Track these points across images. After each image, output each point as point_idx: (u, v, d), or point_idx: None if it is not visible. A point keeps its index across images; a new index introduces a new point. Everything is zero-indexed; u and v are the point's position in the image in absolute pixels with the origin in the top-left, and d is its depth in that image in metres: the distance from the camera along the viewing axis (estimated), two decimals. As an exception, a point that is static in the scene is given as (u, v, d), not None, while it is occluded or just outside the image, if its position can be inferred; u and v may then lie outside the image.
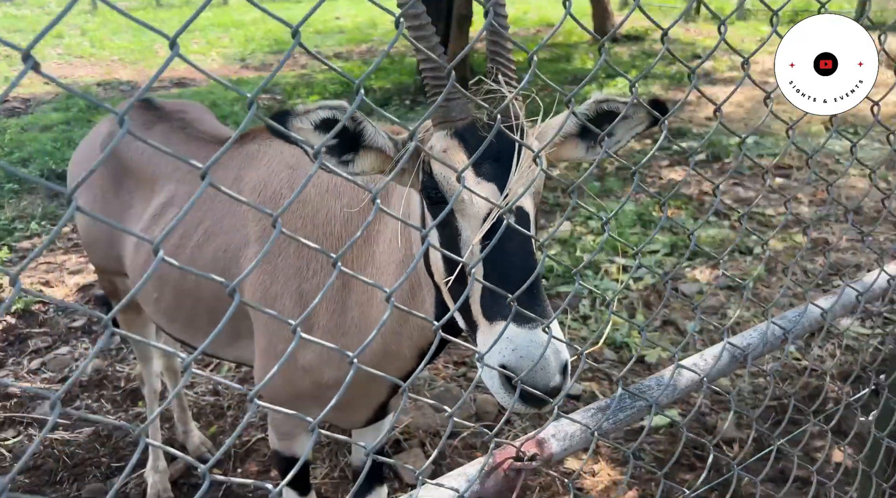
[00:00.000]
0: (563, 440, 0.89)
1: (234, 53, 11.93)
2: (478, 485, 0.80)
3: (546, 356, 1.00)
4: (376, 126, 1.11)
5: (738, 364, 1.09)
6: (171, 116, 2.05)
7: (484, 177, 1.08)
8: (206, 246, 1.68)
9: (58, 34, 13.04)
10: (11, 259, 4.28)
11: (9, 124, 7.16)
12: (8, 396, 3.00)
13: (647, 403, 0.97)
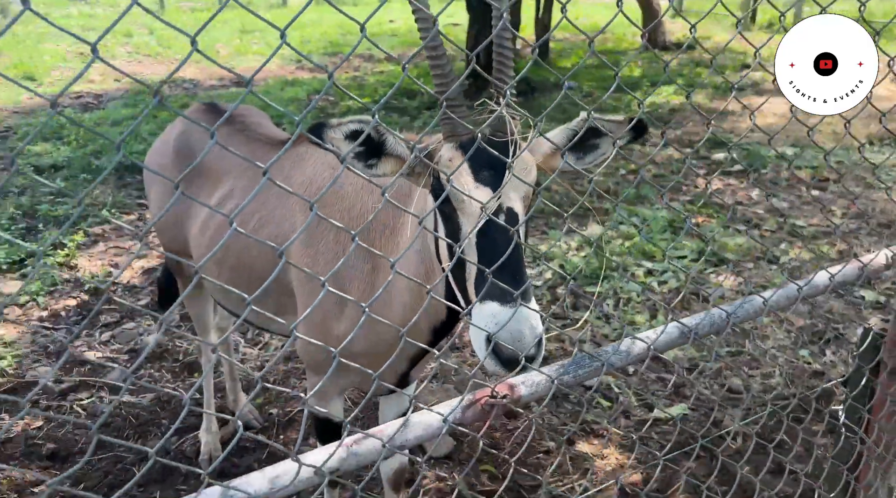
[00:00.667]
0: (530, 386, 1.12)
1: (290, 54, 12.40)
2: (459, 413, 1.04)
3: (522, 330, 1.23)
4: (397, 136, 1.37)
5: (685, 339, 1.30)
6: (233, 120, 2.36)
7: (481, 182, 1.33)
8: (259, 232, 1.98)
9: (127, 33, 13.78)
10: (85, 242, 4.71)
11: (83, 118, 7.72)
12: (83, 362, 3.38)
13: (601, 363, 1.20)
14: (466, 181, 1.33)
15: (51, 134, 7.10)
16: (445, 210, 1.40)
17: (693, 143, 7.30)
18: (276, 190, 2.02)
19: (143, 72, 10.71)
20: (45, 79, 10.00)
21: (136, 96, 9.01)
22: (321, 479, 0.89)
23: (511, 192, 1.33)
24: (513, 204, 1.34)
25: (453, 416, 1.02)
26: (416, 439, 1.01)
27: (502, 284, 1.22)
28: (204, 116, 2.39)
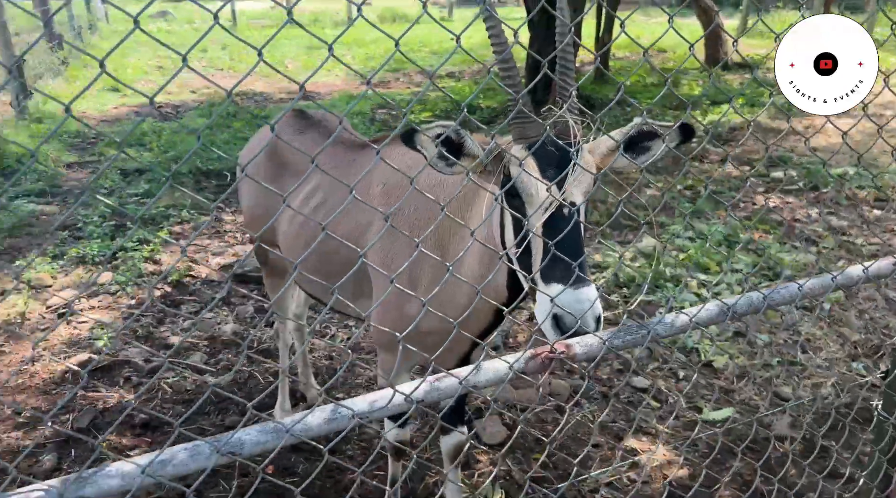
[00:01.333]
0: (584, 346, 1.29)
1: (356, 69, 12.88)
2: (523, 363, 1.22)
3: (584, 308, 1.41)
4: (474, 140, 1.58)
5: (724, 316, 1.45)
6: (318, 124, 2.63)
7: (548, 178, 1.52)
8: (343, 221, 2.21)
9: (202, 48, 14.55)
10: (167, 241, 5.09)
11: (163, 127, 8.24)
12: (168, 346, 3.69)
13: (647, 331, 1.36)
14: (535, 177, 1.52)
15: (135, 141, 7.63)
16: (515, 203, 1.60)
17: (752, 160, 7.30)
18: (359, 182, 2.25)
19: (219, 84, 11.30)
20: (127, 90, 10.67)
21: (210, 107, 9.54)
22: (409, 405, 1.09)
23: (574, 187, 1.52)
24: (575, 198, 1.53)
25: (518, 365, 1.20)
26: (486, 382, 1.20)
27: (565, 265, 1.41)
28: (293, 121, 2.66)
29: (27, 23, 12.12)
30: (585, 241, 1.53)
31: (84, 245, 4.84)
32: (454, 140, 1.56)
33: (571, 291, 1.42)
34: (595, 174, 1.51)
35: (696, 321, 1.39)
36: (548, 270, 1.48)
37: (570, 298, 1.41)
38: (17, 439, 2.98)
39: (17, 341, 3.73)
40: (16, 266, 4.57)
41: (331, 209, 2.26)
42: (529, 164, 1.50)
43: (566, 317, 1.36)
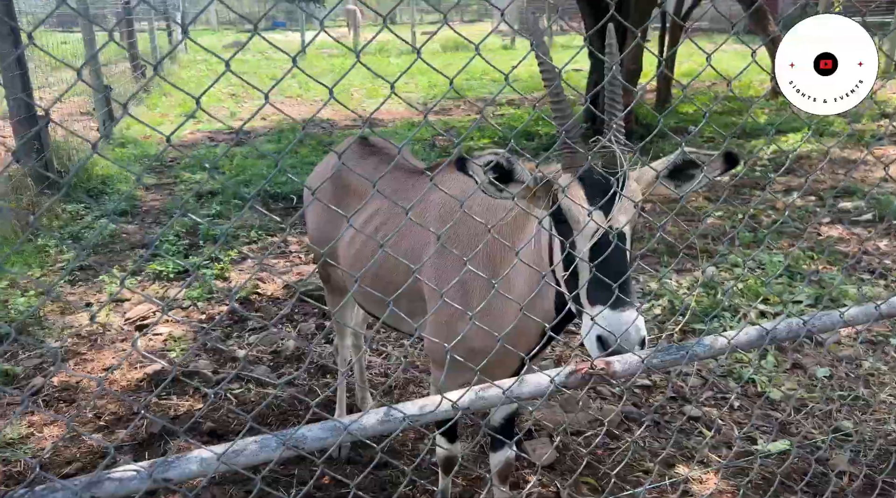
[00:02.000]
0: (623, 364, 1.36)
1: (417, 98, 13.21)
2: (564, 378, 1.30)
3: (628, 330, 1.48)
4: (523, 167, 1.68)
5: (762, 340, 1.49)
6: (380, 151, 2.79)
7: (594, 205, 1.61)
8: (400, 244, 2.34)
9: (273, 77, 15.23)
10: (236, 258, 5.36)
11: (235, 152, 8.67)
12: (235, 359, 3.90)
13: (686, 352, 1.41)
14: (582, 204, 1.61)
15: (209, 164, 8.05)
16: (562, 228, 1.69)
17: (819, 191, 7.12)
18: (415, 207, 2.38)
19: (286, 111, 11.79)
20: (203, 117, 11.27)
21: (279, 133, 9.98)
22: (455, 412, 1.19)
23: (620, 214, 1.60)
24: (620, 224, 1.61)
25: (559, 379, 1.29)
26: (528, 394, 1.29)
27: (610, 289, 1.48)
28: (357, 148, 2.83)
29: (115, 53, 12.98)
30: (634, 265, 1.60)
31: (160, 262, 5.15)
32: (505, 167, 1.66)
33: (616, 313, 1.49)
34: (638, 201, 1.59)
35: (735, 344, 1.44)
36: (592, 291, 1.55)
37: (612, 318, 1.48)
38: (98, 441, 3.21)
39: (98, 350, 4.00)
40: (98, 281, 4.91)
41: (390, 231, 2.40)
42: (576, 191, 1.59)
43: (609, 337, 1.43)
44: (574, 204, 1.59)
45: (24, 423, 3.30)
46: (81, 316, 4.42)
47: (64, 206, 6.29)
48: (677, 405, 3.50)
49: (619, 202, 1.61)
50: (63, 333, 4.14)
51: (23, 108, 6.55)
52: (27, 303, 4.46)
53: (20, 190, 5.90)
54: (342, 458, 3.07)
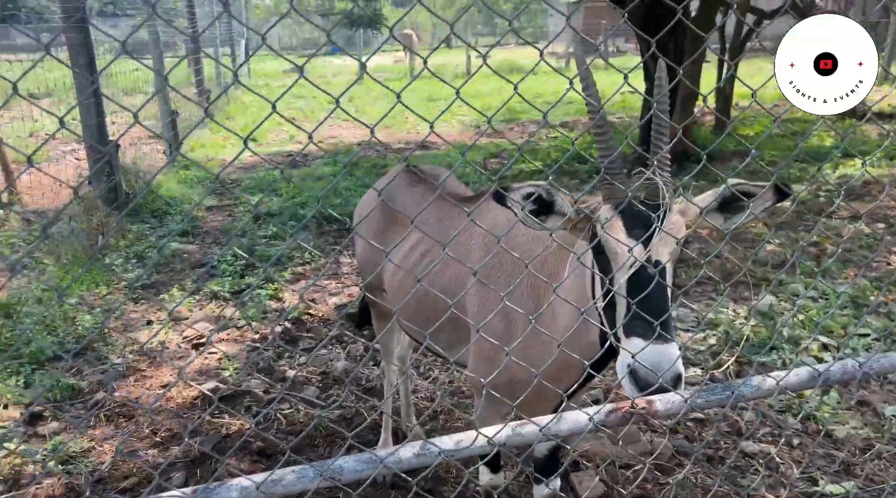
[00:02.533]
0: (665, 403, 1.33)
1: (471, 121, 13.32)
2: (603, 416, 1.28)
3: (661, 363, 1.45)
4: (564, 198, 1.68)
5: (814, 382, 1.43)
6: (428, 179, 2.82)
7: (634, 238, 1.59)
8: (444, 272, 2.36)
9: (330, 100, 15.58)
10: (290, 279, 5.48)
11: (293, 174, 8.91)
12: (285, 379, 3.97)
13: (731, 392, 1.37)
14: (621, 236, 1.59)
15: (266, 186, 8.29)
16: (602, 262, 1.67)
17: (888, 217, 6.82)
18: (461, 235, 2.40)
19: (342, 134, 12.07)
20: (264, 140, 11.65)
21: (335, 156, 10.20)
22: (491, 448, 1.18)
23: (660, 247, 1.57)
24: (660, 257, 1.58)
25: (598, 417, 1.27)
26: (566, 431, 1.27)
27: (646, 322, 1.46)
28: (405, 175, 2.88)
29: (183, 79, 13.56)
30: (676, 302, 1.58)
31: (217, 282, 5.31)
32: (545, 198, 1.66)
33: (652, 347, 1.46)
34: (679, 237, 1.56)
35: (784, 385, 1.39)
36: (630, 325, 1.53)
37: (650, 354, 1.45)
38: (153, 456, 3.31)
39: (157, 367, 4.15)
40: (159, 299, 5.10)
41: (435, 259, 2.41)
42: (616, 223, 1.57)
43: (644, 372, 1.40)
44: (613, 236, 1.57)
45: (86, 437, 3.44)
46: (142, 333, 4.59)
47: (130, 227, 6.57)
48: (732, 440, 3.38)
49: (660, 235, 1.58)
50: (125, 350, 4.30)
51: (96, 134, 6.92)
52: (93, 320, 4.66)
53: (90, 211, 6.20)
54: (387, 483, 3.08)
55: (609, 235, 1.59)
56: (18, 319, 4.28)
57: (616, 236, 1.59)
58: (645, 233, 1.56)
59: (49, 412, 3.64)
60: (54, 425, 3.54)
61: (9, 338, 4.15)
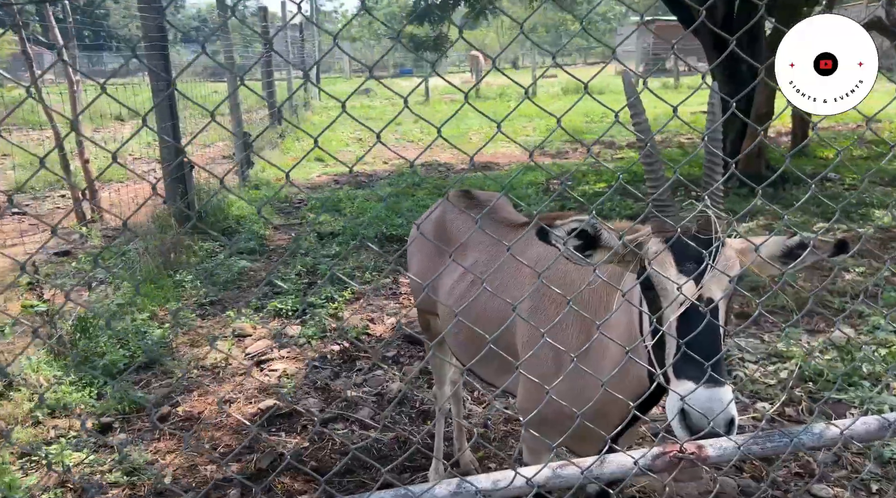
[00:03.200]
0: (718, 449, 1.26)
1: (534, 141, 13.27)
2: (650, 460, 1.22)
3: (713, 408, 1.37)
4: (610, 232, 1.63)
5: (883, 432, 1.32)
6: (483, 204, 2.81)
7: (685, 273, 1.52)
8: (494, 299, 2.33)
9: (398, 122, 15.89)
10: (350, 299, 5.56)
11: (356, 194, 9.07)
12: (340, 398, 4.01)
13: (790, 440, 1.28)
14: (670, 272, 1.53)
15: (332, 206, 8.47)
16: (650, 297, 1.61)
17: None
18: (512, 261, 2.37)
19: (407, 155, 12.22)
20: (330, 161, 11.92)
21: (399, 177, 10.34)
22: (530, 489, 1.14)
23: (712, 284, 1.50)
24: (712, 294, 1.51)
25: (644, 461, 1.21)
26: (609, 475, 1.22)
27: (697, 364, 1.39)
28: (459, 200, 2.87)
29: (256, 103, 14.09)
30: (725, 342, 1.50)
31: (281, 300, 5.44)
32: (590, 233, 1.62)
33: (703, 390, 1.39)
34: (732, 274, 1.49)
35: (850, 435, 1.29)
36: (680, 366, 1.47)
37: (701, 397, 1.38)
38: (212, 471, 3.39)
39: (220, 383, 4.26)
40: (225, 316, 5.25)
41: (487, 283, 2.39)
42: (665, 258, 1.52)
43: (695, 416, 1.34)
44: (661, 272, 1.52)
45: (150, 449, 3.56)
46: (207, 349, 4.74)
47: (201, 244, 6.82)
48: (803, 482, 3.19)
49: (712, 272, 1.52)
50: (190, 365, 4.45)
51: (172, 154, 7.25)
52: (162, 334, 4.84)
53: (164, 229, 6.49)
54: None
55: (657, 271, 1.53)
56: (94, 332, 4.48)
57: (665, 272, 1.53)
58: (696, 269, 1.50)
59: (118, 423, 3.79)
60: (122, 436, 3.68)
61: (85, 350, 4.35)
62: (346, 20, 20.76)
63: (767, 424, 3.58)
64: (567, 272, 2.09)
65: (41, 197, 9.59)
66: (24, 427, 3.59)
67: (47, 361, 4.11)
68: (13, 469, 3.32)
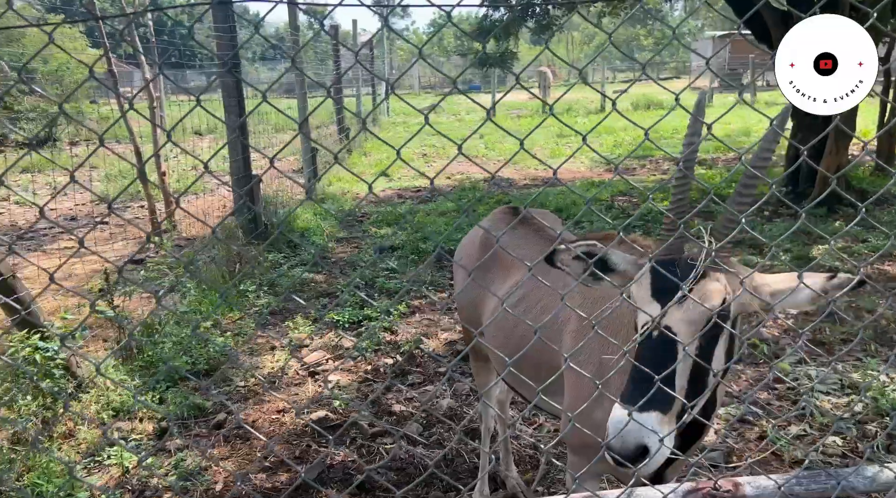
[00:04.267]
0: (756, 488, 1.17)
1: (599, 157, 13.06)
2: (680, 496, 1.15)
3: (625, 435, 1.35)
4: (621, 256, 1.59)
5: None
6: (531, 222, 2.76)
7: (656, 298, 1.47)
8: (541, 317, 2.28)
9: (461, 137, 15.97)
10: (405, 312, 5.58)
11: (419, 209, 9.15)
12: (391, 412, 4.01)
13: (837, 482, 1.18)
14: (643, 295, 1.51)
15: (393, 220, 8.57)
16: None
17: None
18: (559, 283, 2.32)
19: (469, 170, 12.25)
20: (395, 175, 12.09)
21: (461, 192, 10.37)
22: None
23: (678, 313, 1.44)
24: (674, 324, 1.44)
25: (674, 496, 1.14)
26: (635, 511, 1.15)
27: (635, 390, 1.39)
28: (506, 217, 2.84)
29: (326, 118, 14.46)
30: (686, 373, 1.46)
31: (338, 312, 5.51)
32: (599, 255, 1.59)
33: (618, 409, 1.40)
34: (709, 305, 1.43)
35: (907, 481, 1.18)
36: (626, 388, 1.46)
37: (615, 417, 1.39)
38: (262, 481, 3.44)
39: (275, 392, 4.34)
40: (284, 325, 5.37)
41: (531, 304, 2.34)
42: (643, 282, 1.49)
43: (610, 433, 1.35)
44: (635, 297, 1.51)
45: (205, 455, 3.65)
46: (266, 358, 4.85)
47: (266, 255, 7.01)
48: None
49: (684, 301, 1.46)
50: (247, 374, 4.56)
51: (241, 168, 7.51)
52: (224, 342, 4.99)
53: (231, 240, 6.71)
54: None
55: (633, 294, 1.51)
56: (159, 339, 4.66)
57: (639, 294, 1.51)
58: (670, 296, 1.44)
59: (176, 428, 3.91)
60: (179, 442, 3.79)
61: (150, 356, 4.52)
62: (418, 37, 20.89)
63: (840, 460, 3.36)
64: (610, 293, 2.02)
65: (122, 207, 10.12)
66: (90, 428, 3.75)
67: (115, 365, 4.29)
68: (78, 468, 3.47)
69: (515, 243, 2.65)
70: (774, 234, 7.11)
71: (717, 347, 1.52)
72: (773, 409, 3.90)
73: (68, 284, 6.45)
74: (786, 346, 4.66)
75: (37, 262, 6.90)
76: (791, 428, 3.70)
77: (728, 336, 1.53)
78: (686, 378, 1.45)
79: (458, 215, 8.56)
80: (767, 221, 7.79)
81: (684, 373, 1.45)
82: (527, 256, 2.56)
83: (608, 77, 29.84)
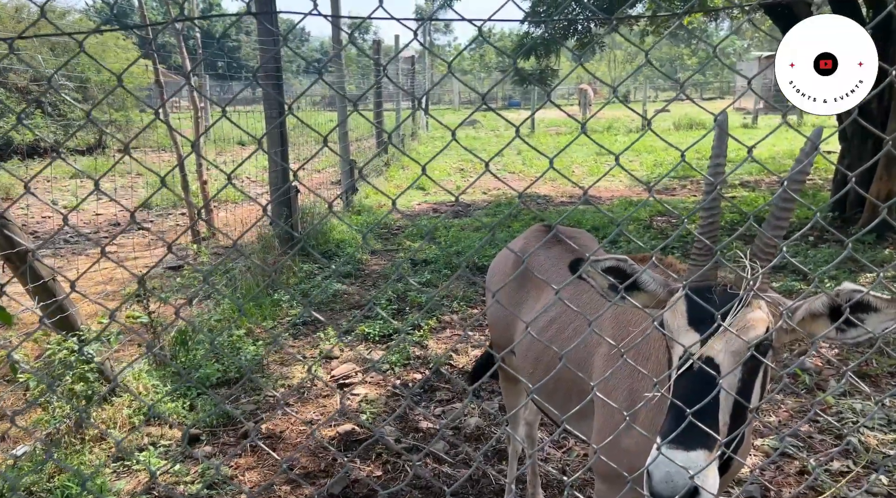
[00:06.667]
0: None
1: (640, 176, 12.88)
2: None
3: (672, 474, 1.26)
4: (651, 275, 1.52)
5: None
6: (563, 240, 2.71)
7: (693, 327, 1.39)
8: (572, 340, 2.22)
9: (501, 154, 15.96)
10: (436, 327, 5.54)
11: (454, 223, 9.13)
12: (418, 429, 3.97)
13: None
14: (680, 323, 1.44)
15: (427, 234, 8.57)
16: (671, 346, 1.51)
17: None
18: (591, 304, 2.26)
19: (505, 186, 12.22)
20: (431, 189, 12.11)
21: (496, 207, 10.33)
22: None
23: (719, 344, 1.36)
24: (716, 355, 1.37)
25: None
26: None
27: (678, 427, 1.30)
28: (541, 234, 2.79)
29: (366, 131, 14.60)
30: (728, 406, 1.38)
31: (369, 324, 5.51)
32: (628, 272, 1.53)
33: (666, 450, 1.30)
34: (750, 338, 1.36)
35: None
36: (666, 424, 1.38)
37: (662, 460, 1.29)
38: (286, 492, 3.43)
39: (303, 404, 4.34)
40: (315, 336, 5.38)
41: (562, 326, 2.29)
42: (678, 309, 1.41)
43: (658, 478, 1.26)
44: (670, 324, 1.43)
45: (231, 464, 3.66)
46: (296, 368, 4.86)
47: (301, 265, 7.07)
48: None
49: (725, 332, 1.39)
50: (277, 383, 4.57)
51: (280, 178, 7.60)
52: (256, 351, 5.02)
53: (268, 249, 6.78)
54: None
55: (667, 322, 1.43)
56: (192, 345, 4.71)
57: (674, 323, 1.43)
58: (707, 325, 1.37)
59: (205, 436, 3.93)
60: (207, 449, 3.81)
61: (183, 362, 4.58)
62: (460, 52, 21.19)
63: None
64: (644, 317, 1.96)
65: (164, 214, 10.34)
66: (121, 432, 3.79)
67: (147, 370, 4.35)
68: (107, 471, 3.51)
69: (549, 263, 2.60)
70: (819, 260, 6.88)
71: (757, 380, 1.45)
72: (815, 442, 3.75)
73: (109, 288, 6.59)
74: (829, 377, 4.49)
75: (77, 266, 7.07)
76: (834, 463, 3.55)
77: (765, 367, 1.47)
78: (729, 413, 1.38)
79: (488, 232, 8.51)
80: (812, 247, 7.55)
81: (727, 407, 1.39)
82: (559, 276, 2.51)
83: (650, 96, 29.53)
